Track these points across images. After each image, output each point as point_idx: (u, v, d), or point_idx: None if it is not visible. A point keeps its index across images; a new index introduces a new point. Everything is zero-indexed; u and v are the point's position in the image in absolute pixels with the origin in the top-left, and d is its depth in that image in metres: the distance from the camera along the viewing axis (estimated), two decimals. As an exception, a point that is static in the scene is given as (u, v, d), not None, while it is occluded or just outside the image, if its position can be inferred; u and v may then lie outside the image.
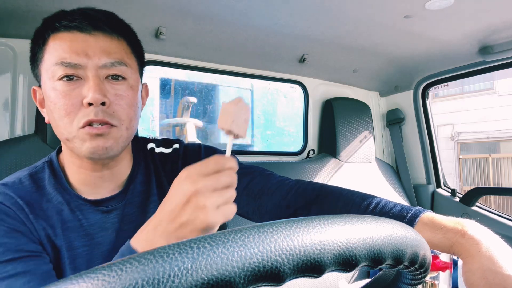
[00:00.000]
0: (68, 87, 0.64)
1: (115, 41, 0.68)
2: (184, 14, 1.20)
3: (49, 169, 0.72)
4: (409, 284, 0.41)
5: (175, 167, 0.82)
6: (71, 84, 0.64)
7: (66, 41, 0.65)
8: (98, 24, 0.66)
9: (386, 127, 2.11)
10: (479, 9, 1.19)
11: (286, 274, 0.26)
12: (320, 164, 1.77)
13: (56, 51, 0.65)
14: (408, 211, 0.59)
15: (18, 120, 1.23)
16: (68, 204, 0.70)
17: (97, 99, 0.63)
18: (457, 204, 1.79)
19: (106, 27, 0.67)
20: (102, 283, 0.22)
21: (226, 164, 0.52)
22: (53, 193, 0.70)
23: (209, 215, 0.49)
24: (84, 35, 0.65)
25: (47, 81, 0.66)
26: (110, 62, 0.66)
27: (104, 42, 0.67)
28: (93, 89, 0.63)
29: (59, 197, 0.70)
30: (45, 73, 0.66)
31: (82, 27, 0.65)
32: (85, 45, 0.65)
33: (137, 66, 0.73)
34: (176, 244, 0.25)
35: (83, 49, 0.65)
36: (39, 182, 0.70)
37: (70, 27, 0.65)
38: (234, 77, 1.75)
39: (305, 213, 0.72)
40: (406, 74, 1.86)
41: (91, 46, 0.65)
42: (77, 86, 0.64)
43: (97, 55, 0.65)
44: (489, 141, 8.67)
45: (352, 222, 0.31)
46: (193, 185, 0.50)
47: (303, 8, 1.17)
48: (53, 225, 0.67)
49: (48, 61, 0.65)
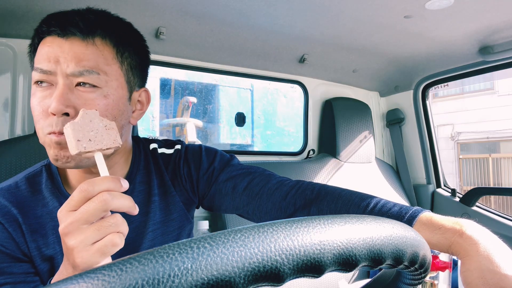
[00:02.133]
0: (41, 93, 0.64)
1: (90, 47, 0.64)
2: (184, 14, 1.20)
3: (46, 173, 0.72)
4: (409, 284, 0.41)
5: (177, 167, 0.82)
6: (43, 90, 0.64)
7: (45, 46, 0.64)
8: (74, 28, 0.64)
9: (386, 127, 2.11)
10: (479, 9, 1.19)
11: (286, 274, 0.26)
12: (320, 164, 1.77)
13: (37, 56, 0.65)
14: (407, 211, 0.59)
15: (18, 120, 1.23)
16: None
17: (59, 110, 0.61)
18: (457, 204, 1.79)
19: (82, 31, 0.64)
20: (102, 283, 0.22)
21: (95, 189, 0.45)
22: (49, 198, 0.69)
23: (79, 256, 0.44)
24: (60, 40, 0.64)
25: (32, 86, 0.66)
26: (78, 70, 0.63)
27: (79, 48, 0.64)
28: (56, 99, 0.61)
29: (55, 201, 0.69)
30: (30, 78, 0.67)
31: (59, 32, 0.64)
32: (59, 51, 0.63)
33: (124, 70, 0.69)
34: (176, 244, 0.25)
35: (55, 56, 0.63)
36: (36, 186, 0.70)
37: (51, 32, 0.64)
38: (234, 77, 1.75)
39: (305, 213, 0.72)
40: (406, 74, 1.86)
41: (63, 52, 0.63)
42: (48, 93, 0.63)
43: (67, 62, 0.63)
44: (489, 141, 8.67)
45: (352, 222, 0.31)
46: (62, 225, 0.45)
47: (303, 8, 1.17)
48: (45, 234, 0.67)
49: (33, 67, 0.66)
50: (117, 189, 0.46)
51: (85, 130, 0.51)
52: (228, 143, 5.03)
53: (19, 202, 0.66)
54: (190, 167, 0.82)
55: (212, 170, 0.82)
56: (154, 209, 0.77)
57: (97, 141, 0.51)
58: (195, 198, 0.84)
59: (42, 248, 0.66)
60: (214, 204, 0.83)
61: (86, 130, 0.51)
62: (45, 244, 0.66)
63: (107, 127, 0.52)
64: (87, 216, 0.44)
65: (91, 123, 0.52)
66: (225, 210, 0.83)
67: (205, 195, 0.83)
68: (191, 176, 0.83)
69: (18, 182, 0.69)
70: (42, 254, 0.66)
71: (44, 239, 0.66)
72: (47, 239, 0.67)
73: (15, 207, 0.65)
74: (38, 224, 0.67)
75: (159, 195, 0.79)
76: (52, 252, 0.67)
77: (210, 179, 0.82)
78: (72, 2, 1.03)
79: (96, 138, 0.50)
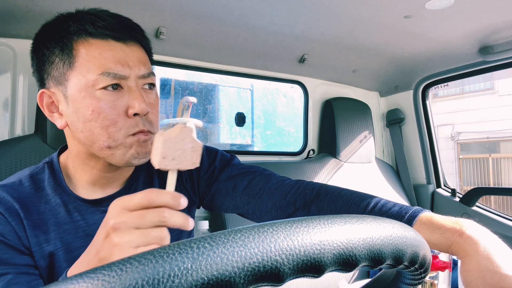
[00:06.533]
0: (112, 96, 0.65)
1: (143, 51, 0.70)
2: (184, 14, 1.20)
3: (49, 170, 0.72)
4: (409, 284, 0.41)
5: None
6: (115, 94, 0.65)
7: (105, 50, 0.65)
8: (134, 34, 0.68)
9: (386, 127, 2.11)
10: (479, 9, 1.19)
11: (286, 274, 0.26)
12: (320, 164, 1.77)
13: (96, 59, 0.64)
14: (407, 211, 0.60)
15: (18, 120, 1.23)
16: (65, 206, 0.70)
17: (144, 110, 0.65)
18: (457, 204, 1.79)
19: (140, 37, 0.70)
20: (102, 283, 0.22)
21: (157, 201, 0.46)
22: (51, 194, 0.70)
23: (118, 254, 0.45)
24: (121, 44, 0.66)
25: (81, 89, 0.64)
26: (147, 72, 0.68)
27: (139, 52, 0.69)
28: (140, 100, 0.65)
29: (57, 198, 0.70)
30: (78, 80, 0.64)
31: (118, 36, 0.66)
32: (125, 55, 0.66)
33: None
34: (176, 244, 0.25)
35: (125, 60, 0.65)
36: (39, 183, 0.70)
37: (104, 35, 0.65)
38: (234, 77, 1.75)
39: (305, 212, 0.72)
40: (406, 74, 1.86)
41: (129, 57, 0.66)
42: (120, 96, 0.65)
43: (137, 66, 0.67)
44: (489, 141, 8.67)
45: (352, 222, 0.31)
46: (113, 220, 0.46)
47: (303, 8, 1.17)
48: (46, 230, 0.67)
49: (86, 69, 0.64)
50: (175, 207, 0.47)
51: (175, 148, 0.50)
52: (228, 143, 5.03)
53: (22, 198, 0.67)
54: None
55: (213, 169, 0.82)
56: None
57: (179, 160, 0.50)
58: (196, 197, 0.84)
59: (43, 244, 0.66)
60: (215, 203, 0.83)
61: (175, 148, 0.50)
62: (46, 240, 0.67)
63: (193, 148, 0.51)
64: (142, 222, 0.45)
65: (182, 142, 0.50)
66: (226, 210, 0.83)
67: (205, 195, 0.83)
68: (191, 176, 0.83)
69: (22, 180, 0.70)
70: (42, 250, 0.66)
71: (46, 235, 0.67)
72: (49, 235, 0.67)
73: (18, 202, 0.66)
74: (40, 220, 0.67)
75: None
76: (53, 248, 0.67)
77: (210, 178, 0.82)
78: (72, 2, 1.03)
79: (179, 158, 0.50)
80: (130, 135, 0.66)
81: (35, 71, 0.71)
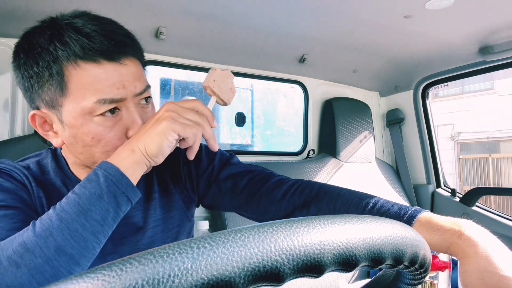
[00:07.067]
0: (111, 122, 0.63)
1: (137, 63, 0.66)
2: (184, 14, 1.20)
3: (51, 154, 0.74)
4: (409, 284, 0.41)
5: (176, 166, 0.83)
6: (113, 119, 0.63)
7: (98, 73, 0.60)
8: (126, 49, 0.63)
9: (386, 127, 2.11)
10: (479, 9, 1.19)
11: (286, 274, 0.26)
12: (320, 164, 1.77)
13: (91, 85, 0.60)
14: (406, 211, 0.59)
15: (18, 120, 1.23)
16: (67, 188, 0.72)
17: None
18: (457, 204, 1.79)
19: (132, 51, 0.65)
20: (102, 283, 0.22)
21: (202, 108, 0.63)
22: (54, 177, 0.72)
23: (167, 121, 0.58)
24: (114, 64, 0.62)
25: (77, 116, 0.62)
26: (143, 88, 0.66)
27: (133, 68, 0.64)
28: (138, 122, 0.64)
29: (59, 180, 0.71)
30: (72, 107, 0.61)
31: (110, 56, 0.61)
32: (119, 76, 0.62)
33: None
34: (176, 244, 0.25)
35: (120, 81, 0.62)
36: (44, 168, 0.73)
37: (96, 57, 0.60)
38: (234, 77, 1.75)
39: (304, 212, 0.72)
40: (406, 74, 1.86)
41: (124, 76, 0.62)
42: (118, 119, 0.64)
43: (132, 84, 0.63)
44: (489, 141, 8.67)
45: (352, 222, 0.31)
46: (168, 107, 0.60)
47: (303, 8, 1.17)
48: (50, 197, 0.69)
49: (81, 96, 0.61)
50: (211, 121, 0.63)
51: (222, 80, 0.67)
52: (228, 143, 5.03)
53: (31, 175, 0.69)
54: (190, 165, 0.82)
55: (212, 168, 0.82)
56: (154, 206, 0.78)
57: (221, 91, 0.67)
58: (195, 196, 0.85)
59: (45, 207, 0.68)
60: (214, 202, 0.83)
61: (222, 81, 0.67)
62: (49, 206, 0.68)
63: (231, 89, 0.68)
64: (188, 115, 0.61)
65: (227, 79, 0.68)
66: (225, 209, 0.83)
67: (205, 194, 0.83)
68: (191, 175, 0.83)
69: (30, 165, 0.72)
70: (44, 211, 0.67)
71: (49, 201, 0.69)
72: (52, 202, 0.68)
73: (29, 175, 0.69)
74: (45, 189, 0.70)
75: (159, 192, 0.79)
76: None
77: (210, 177, 0.82)
78: (72, 3, 1.03)
79: (222, 89, 0.67)
80: None
81: (22, 89, 0.67)
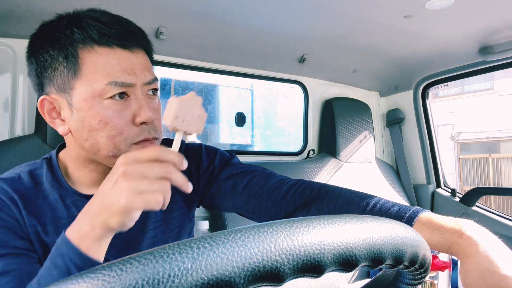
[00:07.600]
0: (120, 106, 0.64)
1: (147, 57, 0.70)
2: (184, 14, 1.20)
3: (47, 165, 0.72)
4: (409, 284, 0.41)
5: None
6: (122, 103, 0.64)
7: (111, 58, 0.64)
8: (138, 40, 0.67)
9: (386, 127, 2.11)
10: (479, 9, 1.19)
11: (286, 274, 0.26)
12: (320, 164, 1.77)
13: (103, 68, 0.63)
14: (406, 211, 0.59)
15: (18, 120, 1.23)
16: (63, 201, 0.70)
17: (151, 118, 0.65)
18: (457, 204, 1.79)
19: (144, 43, 0.69)
20: (102, 283, 0.22)
21: (164, 156, 0.52)
22: (49, 190, 0.70)
23: (127, 197, 0.49)
24: (127, 52, 0.65)
25: (87, 98, 0.63)
26: (152, 78, 0.68)
27: (143, 59, 0.68)
28: (146, 108, 0.65)
29: (55, 193, 0.70)
30: (84, 89, 0.63)
31: (124, 43, 0.65)
32: (131, 63, 0.65)
33: None
34: (176, 244, 0.25)
35: (131, 68, 0.65)
36: (38, 179, 0.71)
37: (110, 43, 0.64)
38: (234, 77, 1.75)
39: (305, 212, 0.72)
40: (406, 74, 1.86)
41: (135, 64, 0.65)
42: (126, 105, 0.65)
43: (142, 73, 0.66)
44: (489, 141, 8.67)
45: (352, 222, 0.31)
46: (123, 167, 0.51)
47: (303, 8, 1.17)
48: (44, 222, 0.67)
49: (93, 79, 0.63)
50: (179, 165, 0.53)
51: (186, 111, 0.56)
52: (228, 143, 5.03)
53: (20, 191, 0.67)
54: (190, 166, 0.82)
55: (212, 169, 0.82)
56: None
57: (188, 124, 0.57)
58: (196, 197, 0.84)
59: (41, 234, 0.67)
60: (214, 203, 0.83)
61: (186, 111, 0.56)
62: (44, 231, 0.67)
63: (200, 116, 0.58)
64: (150, 173, 0.50)
65: (193, 107, 0.57)
66: (225, 209, 0.83)
67: (205, 194, 0.83)
68: (191, 175, 0.83)
69: (21, 175, 0.70)
70: (40, 238, 0.66)
71: (43, 226, 0.67)
72: (46, 227, 0.67)
73: (17, 194, 0.66)
74: (38, 212, 0.68)
75: None
76: (50, 240, 0.67)
77: (210, 178, 0.82)
78: (72, 2, 1.02)
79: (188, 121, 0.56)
80: (134, 143, 0.66)
81: (34, 75, 0.69)
